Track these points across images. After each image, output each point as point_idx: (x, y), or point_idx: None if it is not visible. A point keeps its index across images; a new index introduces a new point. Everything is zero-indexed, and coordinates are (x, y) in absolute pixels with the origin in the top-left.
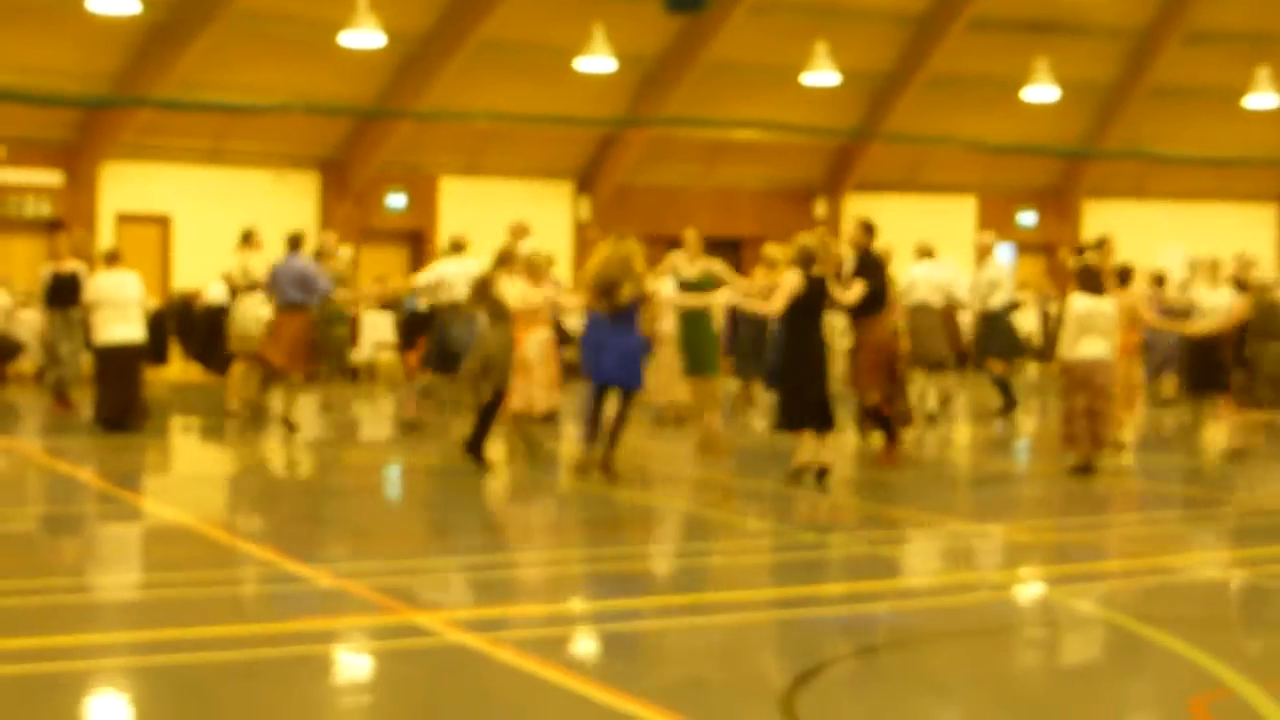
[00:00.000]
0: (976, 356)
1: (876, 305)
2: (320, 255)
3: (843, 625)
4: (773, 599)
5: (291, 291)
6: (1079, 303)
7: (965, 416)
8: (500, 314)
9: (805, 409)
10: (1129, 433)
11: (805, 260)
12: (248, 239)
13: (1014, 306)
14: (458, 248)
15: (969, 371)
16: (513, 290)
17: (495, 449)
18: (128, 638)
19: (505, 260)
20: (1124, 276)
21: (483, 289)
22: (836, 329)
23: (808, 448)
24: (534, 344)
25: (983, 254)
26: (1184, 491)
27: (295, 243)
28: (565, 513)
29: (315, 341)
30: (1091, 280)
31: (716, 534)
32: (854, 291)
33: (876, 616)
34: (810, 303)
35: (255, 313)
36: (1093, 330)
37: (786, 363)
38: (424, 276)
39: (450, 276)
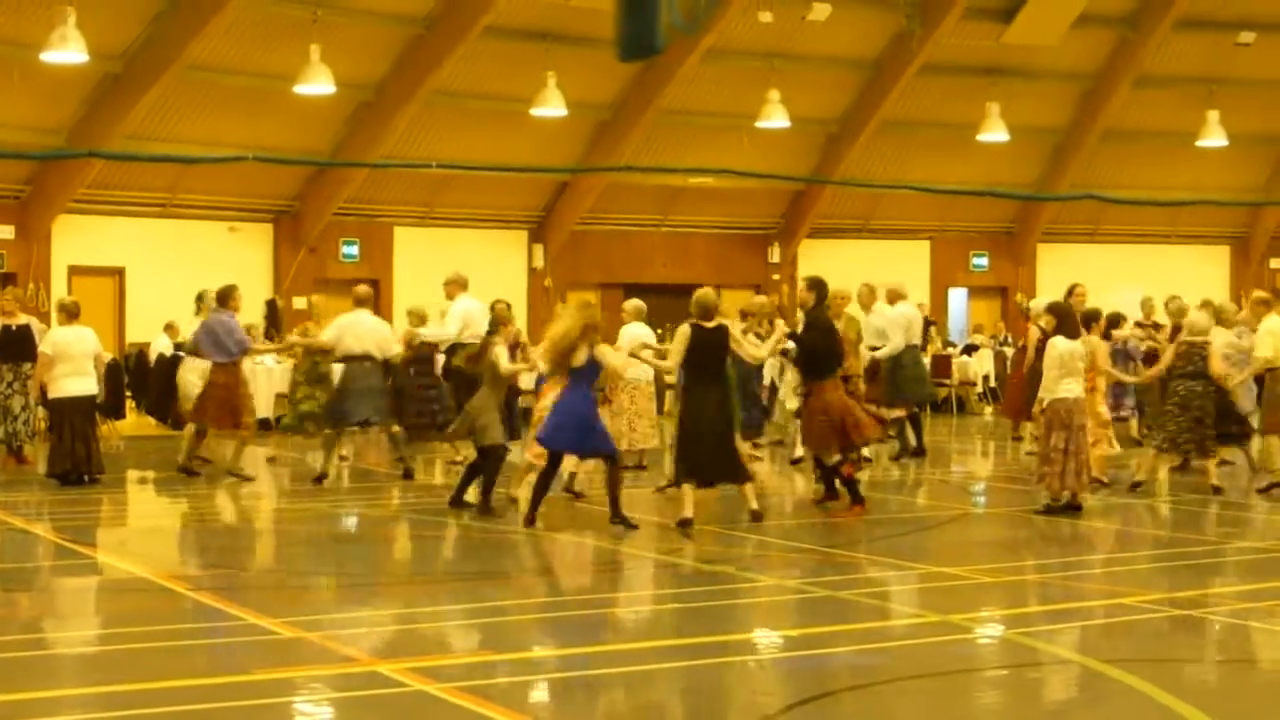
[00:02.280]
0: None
1: (825, 368)
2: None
3: (804, 668)
4: (734, 643)
5: (209, 348)
6: (1060, 344)
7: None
8: (495, 379)
9: (696, 462)
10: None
11: (702, 312)
12: (200, 300)
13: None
14: (361, 302)
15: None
16: (504, 356)
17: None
18: (87, 691)
19: (497, 326)
20: (1087, 322)
21: (478, 355)
22: (789, 385)
23: (689, 500)
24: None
25: (866, 302)
26: (1146, 531)
27: (222, 298)
28: (523, 560)
29: (243, 396)
30: (1070, 322)
31: (676, 579)
32: (765, 349)
33: (838, 659)
34: (705, 355)
35: (198, 374)
36: (1073, 372)
37: (682, 415)
38: (326, 333)
39: (350, 329)
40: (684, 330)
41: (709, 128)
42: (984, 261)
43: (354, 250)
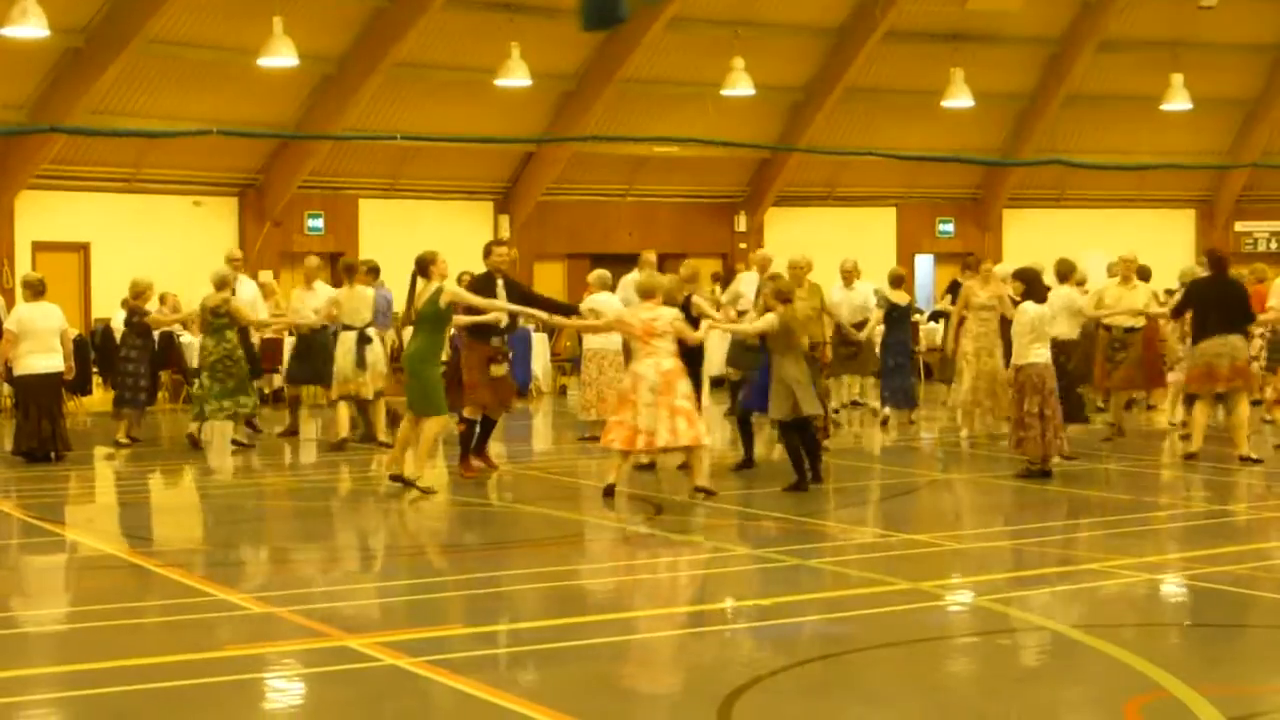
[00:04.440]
0: None
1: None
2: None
3: (775, 638)
4: (705, 614)
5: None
6: (1029, 309)
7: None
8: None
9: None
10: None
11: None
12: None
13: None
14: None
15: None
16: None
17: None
18: (57, 670)
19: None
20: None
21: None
22: None
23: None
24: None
25: (729, 276)
26: (1119, 496)
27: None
28: (492, 532)
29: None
30: (1038, 287)
31: (646, 550)
32: (697, 335)
33: (810, 628)
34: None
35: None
36: (1042, 336)
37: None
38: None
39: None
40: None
41: (674, 96)
42: (950, 228)
43: (319, 223)
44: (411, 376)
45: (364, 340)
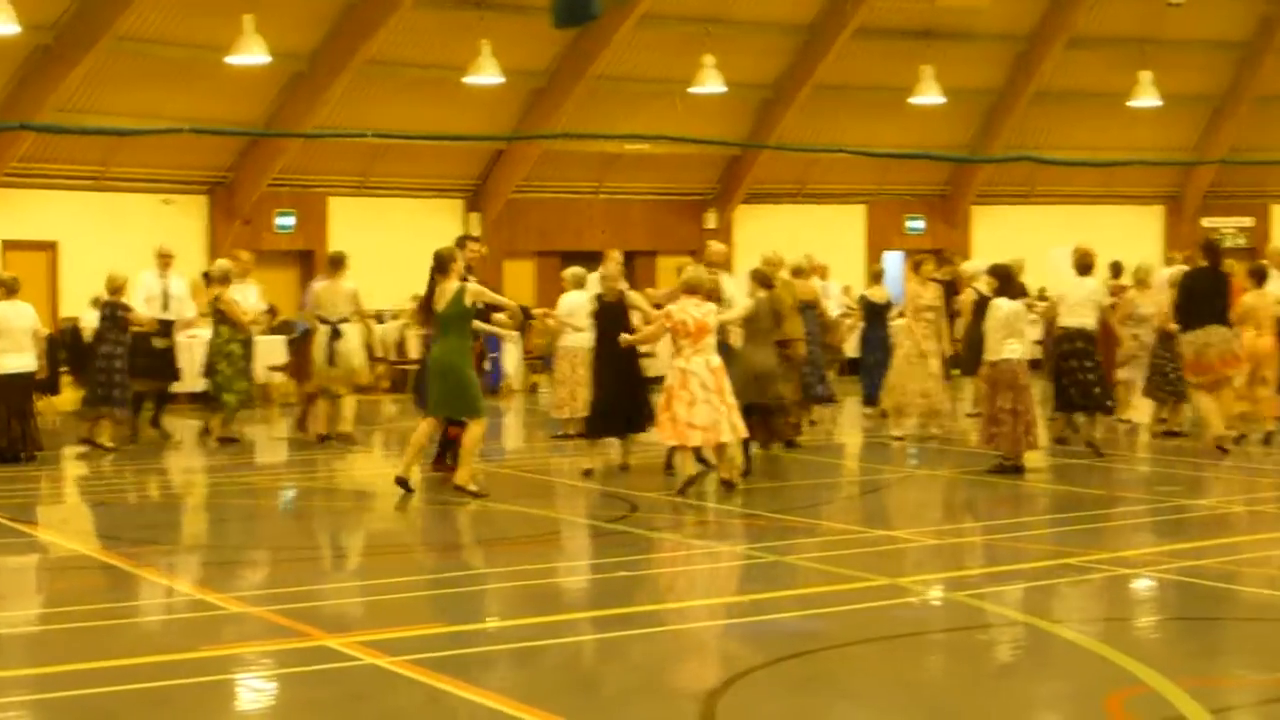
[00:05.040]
0: None
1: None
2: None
3: (753, 635)
4: (683, 611)
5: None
6: (1003, 305)
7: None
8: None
9: (611, 418)
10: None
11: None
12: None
13: None
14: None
15: None
16: None
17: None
18: (31, 672)
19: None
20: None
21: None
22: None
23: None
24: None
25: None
26: (1092, 491)
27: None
28: (470, 531)
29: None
30: (1012, 284)
31: (624, 547)
32: (648, 333)
33: (787, 625)
34: (607, 323)
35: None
36: (1015, 333)
37: (594, 379)
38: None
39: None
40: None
41: (644, 93)
42: (919, 224)
43: (289, 221)
44: (440, 378)
45: (335, 335)
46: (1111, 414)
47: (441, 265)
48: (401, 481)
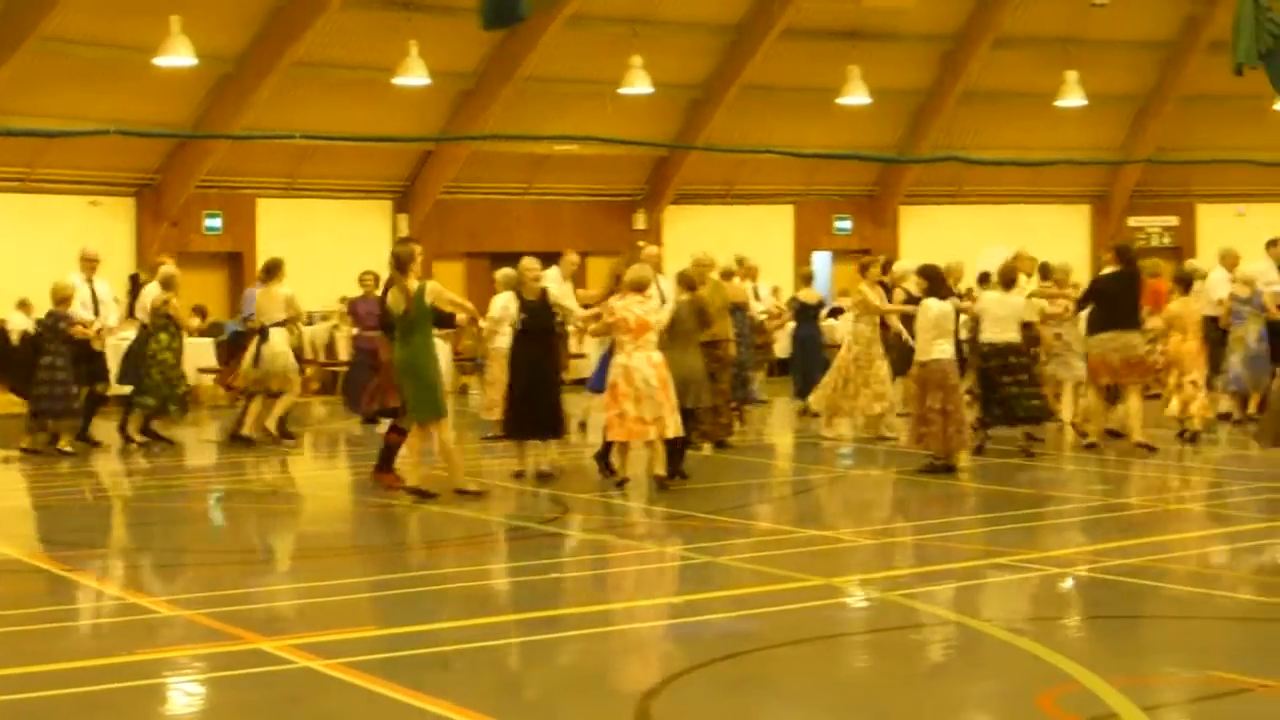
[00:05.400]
0: None
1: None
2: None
3: (686, 636)
4: (615, 613)
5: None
6: (932, 306)
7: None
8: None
9: (530, 419)
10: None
11: (515, 285)
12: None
13: None
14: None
15: None
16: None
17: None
18: None
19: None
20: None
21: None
22: None
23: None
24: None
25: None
26: (1022, 491)
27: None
28: (403, 533)
29: None
30: (941, 284)
31: (555, 549)
32: (597, 327)
33: (721, 626)
34: (530, 323)
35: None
36: (944, 333)
37: (512, 378)
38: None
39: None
40: (509, 303)
41: (572, 94)
42: (847, 225)
43: (217, 223)
44: (405, 379)
45: (263, 338)
46: (1053, 418)
47: (400, 264)
48: (419, 491)
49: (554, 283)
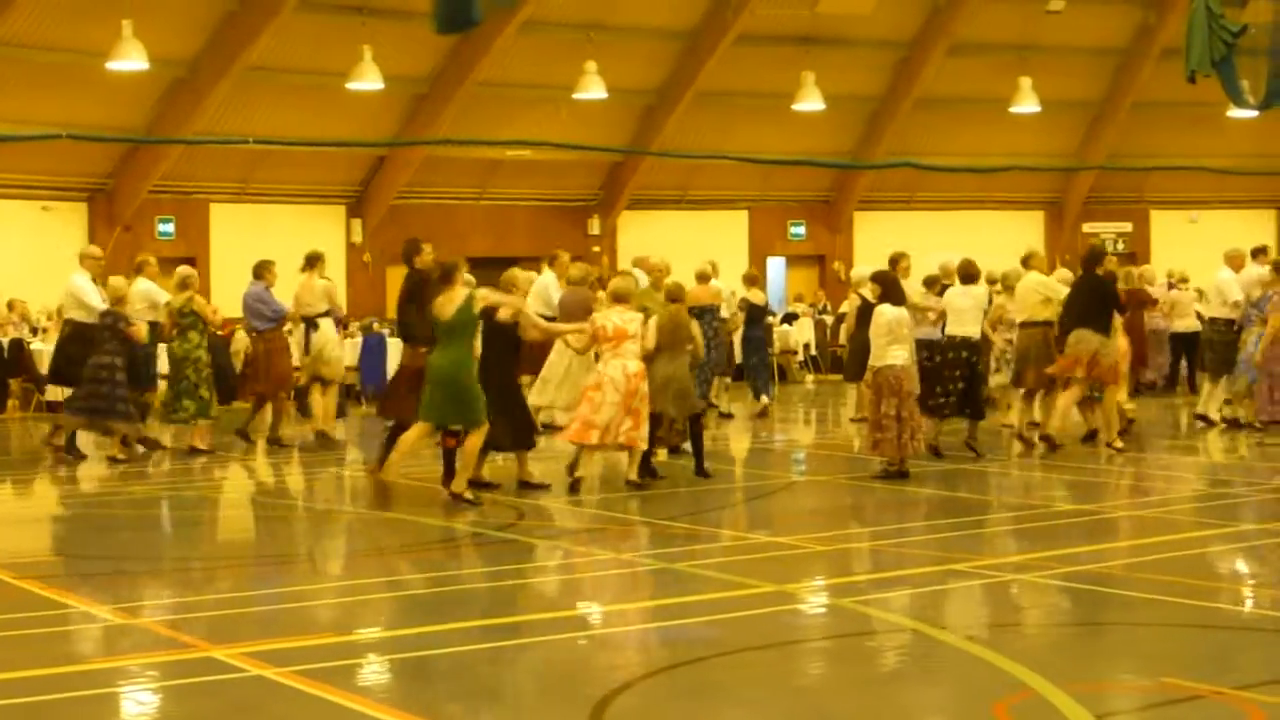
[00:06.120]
0: None
1: None
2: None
3: (641, 643)
4: (569, 619)
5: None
6: (887, 312)
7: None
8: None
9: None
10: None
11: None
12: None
13: None
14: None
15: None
16: None
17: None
18: None
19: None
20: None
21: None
22: None
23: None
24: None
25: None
26: (976, 497)
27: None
28: (359, 539)
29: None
30: (895, 290)
31: (511, 554)
32: (580, 340)
33: (675, 632)
34: (492, 331)
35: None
36: (899, 339)
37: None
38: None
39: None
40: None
41: (526, 100)
42: (802, 230)
43: (170, 228)
44: (440, 387)
45: (312, 327)
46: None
47: (447, 276)
48: (481, 484)
49: (550, 286)
